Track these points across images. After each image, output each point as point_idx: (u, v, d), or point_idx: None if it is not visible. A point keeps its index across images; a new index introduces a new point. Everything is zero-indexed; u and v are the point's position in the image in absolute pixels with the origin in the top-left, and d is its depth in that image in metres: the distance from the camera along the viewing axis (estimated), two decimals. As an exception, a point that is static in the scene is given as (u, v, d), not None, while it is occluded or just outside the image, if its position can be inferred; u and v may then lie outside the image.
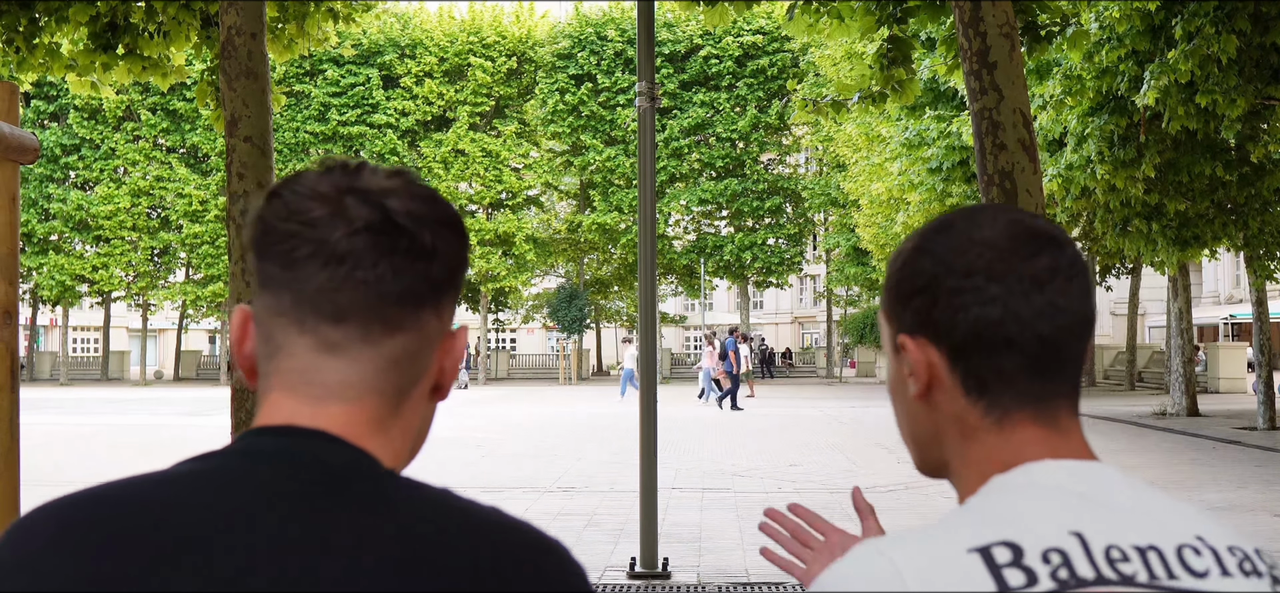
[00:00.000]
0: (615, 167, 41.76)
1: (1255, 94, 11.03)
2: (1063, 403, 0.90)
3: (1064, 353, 0.89)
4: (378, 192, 0.82)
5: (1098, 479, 0.86)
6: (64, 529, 0.77)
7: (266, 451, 0.80)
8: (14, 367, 2.48)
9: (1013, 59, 4.67)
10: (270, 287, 0.83)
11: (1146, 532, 0.82)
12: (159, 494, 0.78)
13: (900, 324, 0.93)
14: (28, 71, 7.75)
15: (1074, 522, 0.81)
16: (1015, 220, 0.90)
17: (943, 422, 0.92)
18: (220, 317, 43.00)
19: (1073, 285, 0.88)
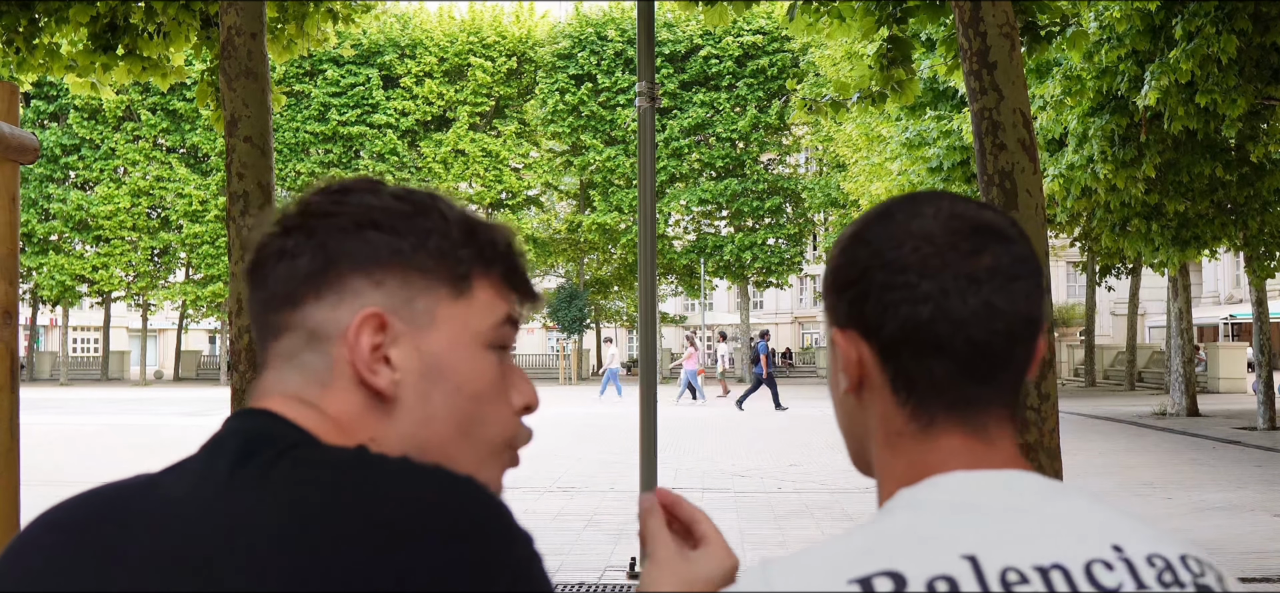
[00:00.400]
0: (615, 167, 41.76)
1: (1255, 94, 11.03)
2: (994, 411, 0.84)
3: (999, 358, 0.82)
4: (288, 208, 0.86)
5: (1009, 491, 0.80)
6: (51, 529, 0.80)
7: (225, 434, 0.82)
8: (14, 367, 2.48)
9: (1013, 59, 4.67)
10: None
11: (1054, 548, 0.75)
12: (134, 492, 0.80)
13: (834, 316, 0.88)
14: (28, 72, 7.75)
15: (969, 543, 0.75)
16: (957, 212, 0.84)
17: (871, 421, 0.87)
18: (220, 317, 43.01)
19: (1015, 285, 0.82)
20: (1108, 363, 38.85)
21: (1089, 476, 11.43)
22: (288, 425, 0.80)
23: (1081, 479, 10.72)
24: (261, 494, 0.74)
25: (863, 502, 9.92)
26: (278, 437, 0.79)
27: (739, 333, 47.17)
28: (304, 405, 0.82)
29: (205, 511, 0.75)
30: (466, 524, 0.72)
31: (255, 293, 0.85)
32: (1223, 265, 46.50)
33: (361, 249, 0.83)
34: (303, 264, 0.83)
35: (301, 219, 0.84)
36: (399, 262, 0.83)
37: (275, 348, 0.84)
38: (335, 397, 0.82)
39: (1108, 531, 0.78)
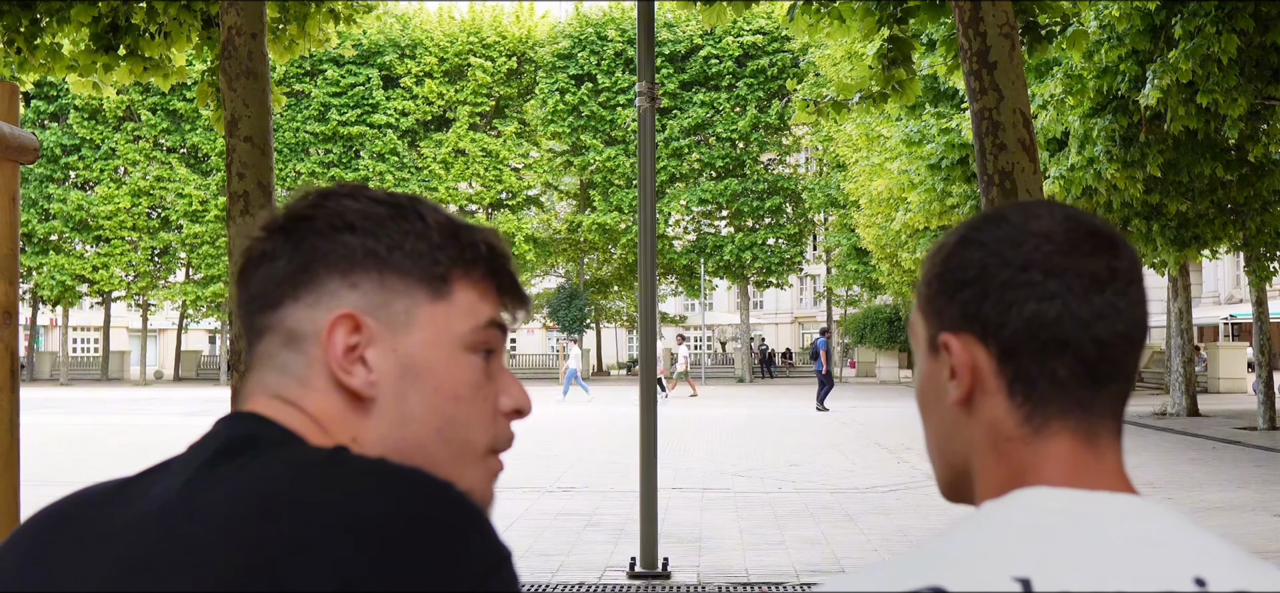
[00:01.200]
0: (615, 167, 41.76)
1: (1255, 94, 11.03)
2: (1107, 419, 0.82)
3: (1119, 361, 0.81)
4: (275, 213, 0.88)
5: (1091, 512, 0.76)
6: (32, 530, 0.82)
7: (209, 433, 0.83)
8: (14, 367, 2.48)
9: (1013, 59, 4.67)
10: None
11: (1122, 576, 0.72)
12: (116, 490, 0.82)
13: (942, 321, 0.84)
14: (29, 72, 7.75)
15: (1027, 566, 0.72)
16: (1073, 216, 0.83)
17: (978, 433, 0.83)
18: (220, 317, 43.02)
19: (1131, 290, 0.82)
20: (1107, 363, 38.76)
21: (1089, 476, 11.42)
22: (272, 426, 0.81)
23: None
24: (227, 492, 0.74)
25: (863, 502, 9.92)
26: (260, 438, 0.79)
27: (739, 333, 47.19)
28: (286, 405, 0.82)
29: (172, 510, 0.75)
30: (433, 529, 0.70)
31: (241, 296, 0.87)
32: (1223, 265, 46.49)
33: (336, 251, 0.83)
34: (281, 266, 0.84)
35: (283, 222, 0.85)
36: (375, 263, 0.83)
37: (258, 349, 0.86)
38: (314, 397, 0.82)
39: (1193, 562, 0.74)
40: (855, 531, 8.50)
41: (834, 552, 7.65)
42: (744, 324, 45.19)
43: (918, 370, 0.89)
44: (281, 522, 0.70)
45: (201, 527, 0.72)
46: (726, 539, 8.09)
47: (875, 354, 44.79)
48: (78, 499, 0.83)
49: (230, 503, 0.73)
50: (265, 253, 0.85)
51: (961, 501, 0.87)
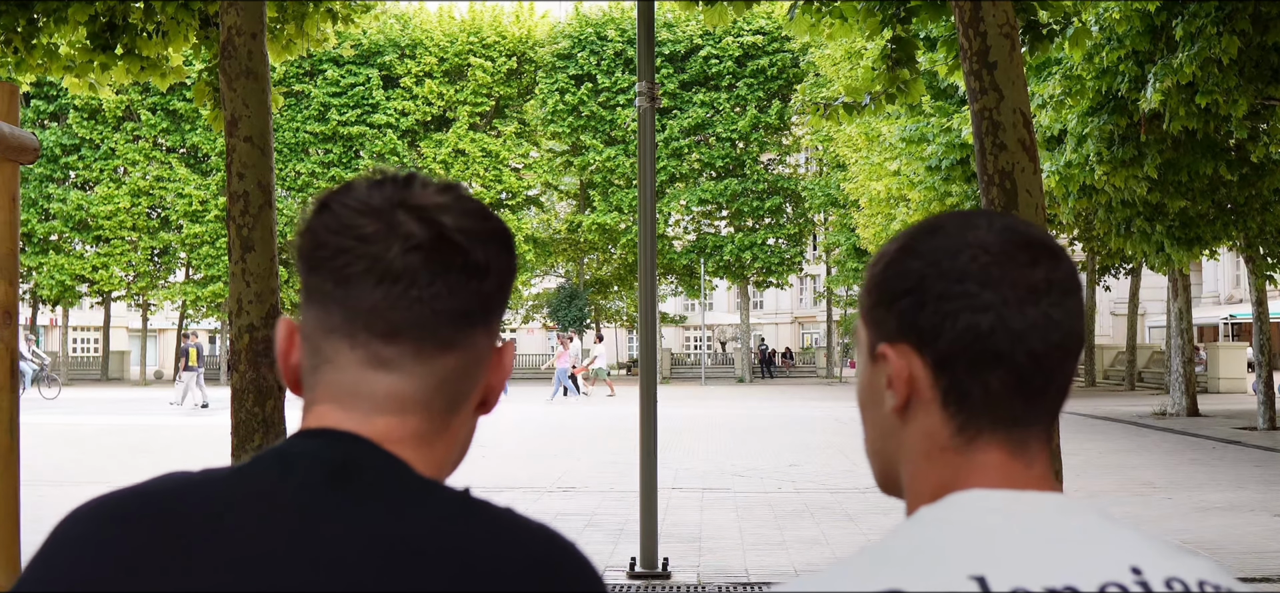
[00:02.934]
0: (615, 167, 41.76)
1: (1256, 94, 11.03)
2: (1037, 430, 0.83)
3: (1052, 372, 0.82)
4: (432, 207, 0.81)
5: (1028, 512, 0.79)
6: (100, 525, 0.79)
7: (299, 450, 0.81)
8: (14, 367, 2.48)
9: (1013, 59, 4.67)
10: (320, 301, 0.83)
11: (1068, 571, 0.74)
12: (193, 492, 0.80)
13: (880, 330, 0.85)
14: (26, 72, 7.74)
15: (979, 564, 0.74)
16: (1011, 227, 0.83)
17: (912, 439, 0.85)
18: (220, 317, 43.02)
19: (1068, 301, 0.82)
20: (1108, 363, 38.85)
21: (1089, 476, 11.43)
22: (379, 454, 0.81)
23: (1081, 480, 10.72)
24: (365, 521, 0.76)
25: (863, 502, 9.92)
26: (365, 464, 0.80)
27: (739, 333, 47.18)
28: (432, 429, 0.83)
29: (303, 527, 0.76)
30: (564, 581, 0.77)
31: (427, 287, 0.81)
32: (1223, 265, 46.51)
33: (512, 276, 0.86)
34: (489, 287, 0.83)
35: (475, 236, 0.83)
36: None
37: (433, 364, 0.82)
38: (459, 419, 0.86)
39: (1128, 553, 0.77)
40: (855, 531, 8.50)
41: (834, 552, 7.65)
42: (744, 324, 45.18)
43: (858, 373, 0.91)
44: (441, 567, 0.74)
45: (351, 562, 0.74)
46: (726, 539, 8.09)
47: (875, 354, 44.74)
48: (158, 495, 0.80)
49: (383, 541, 0.75)
50: (473, 269, 0.82)
51: (896, 494, 0.89)
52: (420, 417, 0.82)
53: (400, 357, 0.81)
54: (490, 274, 0.83)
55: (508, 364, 0.87)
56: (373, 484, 0.78)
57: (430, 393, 0.82)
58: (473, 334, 0.83)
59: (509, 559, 0.75)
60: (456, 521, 0.77)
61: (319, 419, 0.83)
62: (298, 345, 0.86)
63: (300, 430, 0.83)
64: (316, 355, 0.84)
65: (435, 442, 0.83)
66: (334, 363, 0.83)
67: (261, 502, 0.77)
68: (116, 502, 0.81)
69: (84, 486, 11.19)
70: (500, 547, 0.76)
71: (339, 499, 0.77)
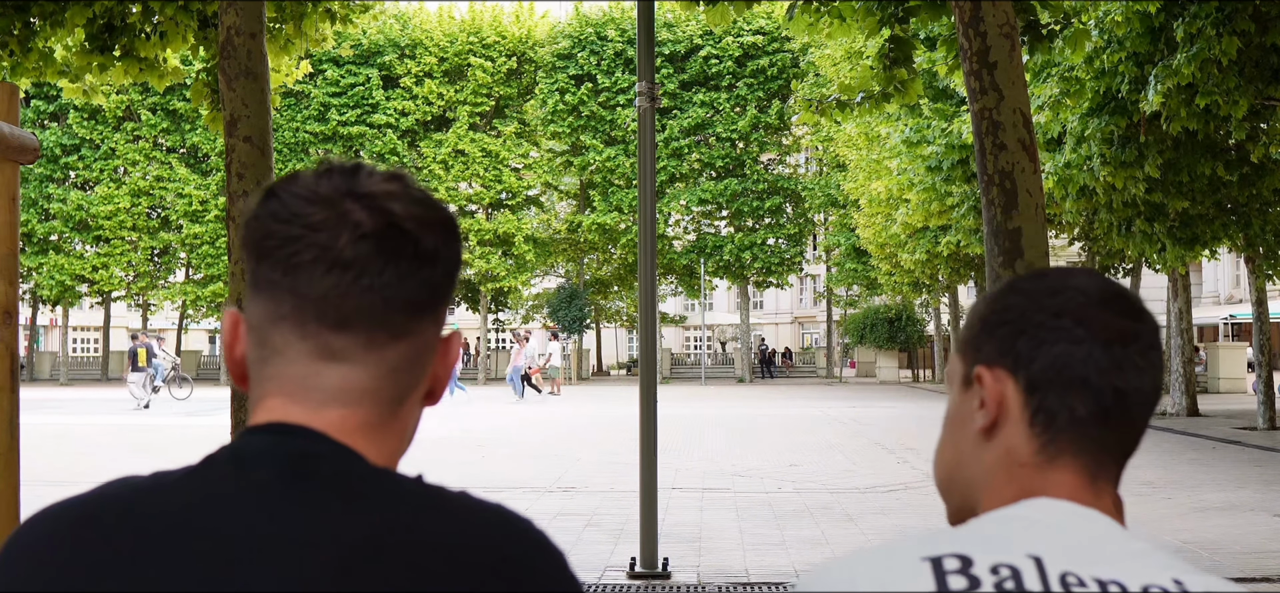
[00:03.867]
0: (615, 167, 41.76)
1: (1256, 94, 11.02)
2: (1111, 463, 0.90)
3: (1131, 412, 0.89)
4: (380, 195, 0.80)
5: (1089, 524, 0.86)
6: (58, 530, 0.79)
7: (254, 448, 0.80)
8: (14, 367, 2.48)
9: (1013, 59, 4.67)
10: (267, 290, 0.81)
11: (1115, 570, 0.81)
12: (149, 495, 0.79)
13: (978, 355, 0.93)
14: (21, 76, 7.73)
15: (1037, 548, 0.82)
16: (1107, 283, 0.92)
17: (992, 457, 0.91)
18: (220, 317, 42.95)
19: (1151, 353, 0.90)
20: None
21: (1089, 476, 11.42)
22: (331, 444, 0.80)
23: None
24: (327, 517, 0.76)
25: (863, 502, 9.92)
26: (319, 455, 0.80)
27: (739, 333, 47.17)
28: (380, 419, 0.83)
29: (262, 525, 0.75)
30: (524, 563, 0.78)
31: (378, 280, 0.80)
32: (1223, 265, 46.49)
33: (458, 265, 0.86)
34: (437, 275, 0.83)
35: (439, 226, 0.83)
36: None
37: (384, 353, 0.82)
38: (407, 409, 0.85)
39: (1173, 570, 0.83)
40: (855, 531, 8.50)
41: (834, 552, 7.65)
42: (744, 324, 45.18)
43: (949, 404, 0.98)
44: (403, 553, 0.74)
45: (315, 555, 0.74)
46: (726, 539, 8.09)
47: (875, 354, 44.79)
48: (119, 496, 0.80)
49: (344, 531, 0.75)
50: (426, 254, 0.82)
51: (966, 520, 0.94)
52: (370, 407, 0.82)
53: (350, 346, 0.81)
54: (439, 262, 0.83)
55: (454, 354, 0.87)
56: (329, 479, 0.78)
57: (380, 383, 0.82)
58: (422, 323, 0.83)
59: (471, 546, 0.76)
60: (415, 511, 0.77)
61: (269, 414, 0.82)
62: (243, 337, 0.85)
63: (251, 426, 0.82)
64: (264, 347, 0.83)
65: (384, 432, 0.83)
66: (283, 354, 0.82)
67: (219, 502, 0.76)
68: (73, 507, 0.80)
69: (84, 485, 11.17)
70: (461, 534, 0.76)
71: (297, 495, 0.76)
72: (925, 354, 46.04)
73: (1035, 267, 4.54)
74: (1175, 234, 16.11)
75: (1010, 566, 0.80)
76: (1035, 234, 4.55)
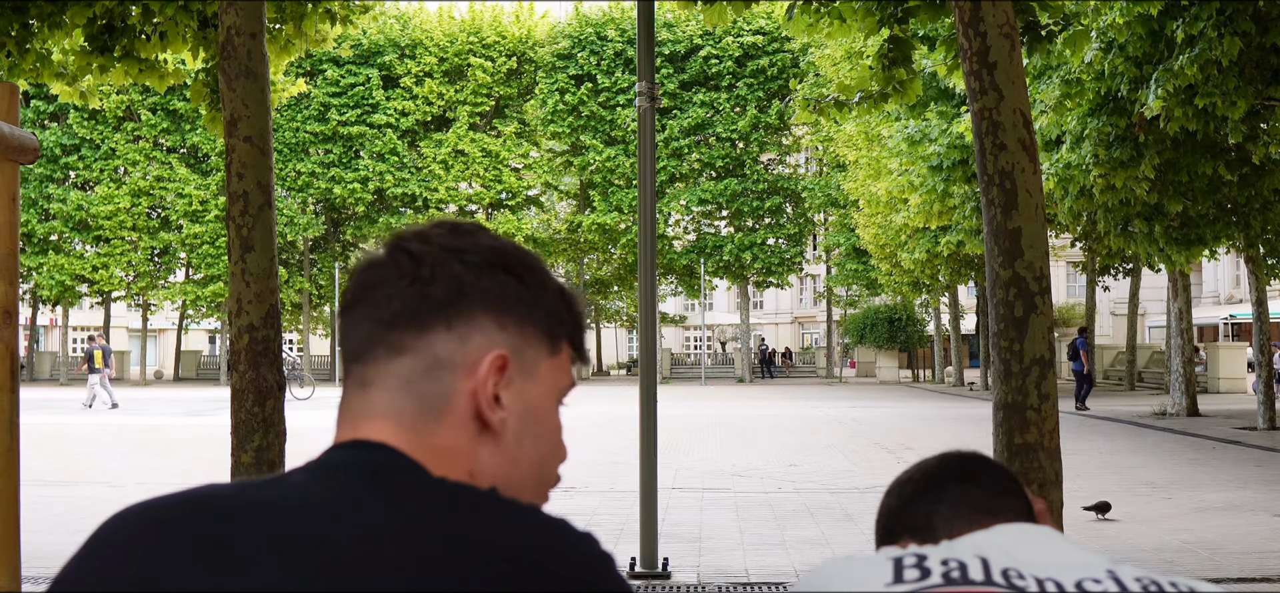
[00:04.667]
0: (615, 167, 41.76)
1: (1255, 95, 11.02)
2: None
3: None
4: (408, 234, 0.89)
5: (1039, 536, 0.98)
6: (147, 529, 0.82)
7: (338, 459, 0.86)
8: (14, 367, 2.48)
9: (1013, 59, 4.66)
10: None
11: (1052, 570, 0.89)
12: (234, 496, 0.83)
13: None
14: (19, 77, 7.72)
15: (984, 552, 0.92)
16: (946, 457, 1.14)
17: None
18: (220, 317, 43.02)
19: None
20: (1108, 363, 38.84)
21: (1089, 476, 11.42)
22: (400, 457, 0.85)
23: (1081, 479, 10.72)
24: (396, 518, 0.79)
25: (863, 502, 9.92)
26: (394, 466, 0.84)
27: (739, 333, 47.17)
28: (416, 435, 0.86)
29: (338, 525, 0.79)
30: (588, 575, 0.80)
31: (369, 311, 0.88)
32: (1223, 265, 46.50)
33: (494, 290, 0.88)
34: (436, 291, 0.87)
35: (430, 248, 0.88)
36: (523, 309, 0.90)
37: (391, 367, 0.87)
38: (447, 428, 0.87)
39: (1106, 564, 0.91)
40: (855, 531, 8.50)
41: (834, 552, 7.64)
42: (744, 324, 45.19)
43: None
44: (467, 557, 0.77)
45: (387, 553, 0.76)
46: (726, 539, 8.09)
47: (875, 354, 44.79)
48: (201, 501, 0.83)
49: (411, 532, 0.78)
50: (415, 274, 0.87)
51: None
52: (399, 428, 0.86)
53: (373, 373, 0.88)
54: (437, 280, 0.86)
55: (486, 376, 0.87)
56: (408, 484, 0.82)
57: (399, 401, 0.87)
58: (426, 336, 0.87)
59: (536, 556, 0.79)
60: (482, 518, 0.80)
61: (340, 437, 0.89)
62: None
63: (329, 448, 0.89)
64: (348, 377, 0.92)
65: (425, 451, 0.86)
66: (343, 397, 0.91)
67: (306, 503, 0.81)
68: (159, 505, 0.83)
69: (84, 485, 11.18)
70: (524, 544, 0.79)
71: (381, 498, 0.81)
72: (925, 354, 46.03)
73: (1035, 266, 4.54)
74: (1172, 235, 16.11)
75: (959, 562, 0.89)
76: (1035, 234, 4.55)
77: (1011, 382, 4.43)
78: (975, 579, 0.87)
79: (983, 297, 34.98)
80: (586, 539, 0.83)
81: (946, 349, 40.65)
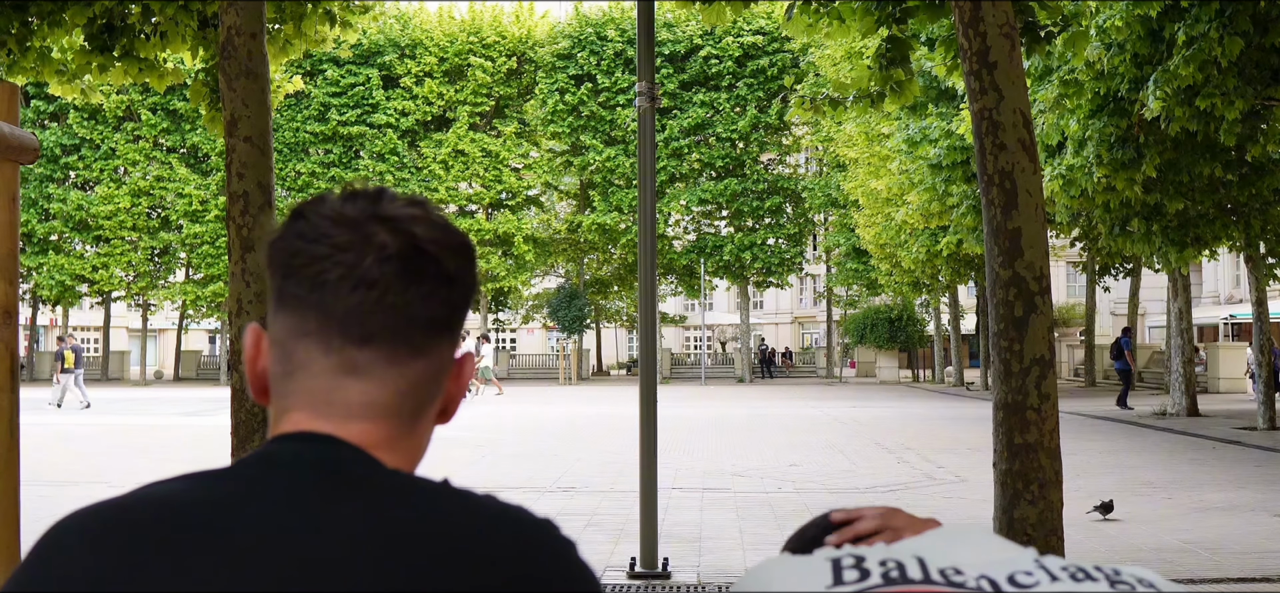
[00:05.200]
0: (615, 167, 41.77)
1: (1255, 95, 11.03)
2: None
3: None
4: (403, 219, 0.85)
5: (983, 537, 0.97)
6: (94, 532, 0.80)
7: (283, 454, 0.83)
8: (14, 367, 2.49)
9: (1013, 59, 4.67)
10: (293, 307, 0.85)
11: (985, 566, 0.90)
12: (178, 497, 0.81)
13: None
14: (19, 75, 7.73)
15: (921, 552, 0.92)
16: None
17: None
18: (220, 317, 43.03)
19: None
20: (1108, 363, 38.81)
21: (1089, 476, 11.43)
22: (359, 454, 0.84)
23: (1082, 479, 10.72)
24: (353, 511, 0.79)
25: (862, 502, 9.91)
26: (349, 460, 0.83)
27: (739, 333, 47.18)
28: (396, 434, 0.86)
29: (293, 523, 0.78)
30: (547, 559, 0.81)
31: (394, 298, 0.84)
32: (1223, 265, 46.49)
33: (474, 288, 0.90)
34: (457, 297, 0.87)
35: (458, 250, 0.87)
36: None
37: (404, 370, 0.86)
38: (422, 424, 0.89)
39: (1033, 556, 0.93)
40: (855, 531, 8.49)
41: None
42: (744, 324, 45.19)
43: None
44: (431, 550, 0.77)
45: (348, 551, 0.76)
46: (726, 539, 8.09)
47: (875, 354, 44.79)
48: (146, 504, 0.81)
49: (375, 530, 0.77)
50: (448, 275, 0.86)
51: None
52: (390, 423, 0.85)
53: (373, 362, 0.85)
54: (458, 284, 0.87)
55: (467, 374, 0.91)
56: (356, 480, 0.81)
57: (400, 399, 0.86)
58: (440, 342, 0.87)
59: (493, 545, 0.78)
60: (440, 510, 0.80)
61: (294, 425, 0.85)
62: (266, 352, 0.89)
63: (277, 435, 0.86)
64: (288, 361, 0.86)
65: (400, 447, 0.86)
66: (307, 369, 0.85)
67: (250, 502, 0.79)
68: (104, 509, 0.82)
69: (84, 486, 11.18)
70: (483, 533, 0.79)
71: (325, 495, 0.79)
72: (925, 354, 46.04)
73: (1035, 266, 4.54)
74: (1170, 235, 16.11)
75: (897, 562, 0.90)
76: (1035, 234, 4.55)
77: (1011, 382, 4.43)
78: (914, 578, 0.87)
79: (983, 297, 34.98)
80: (546, 525, 0.82)
81: (946, 349, 40.66)
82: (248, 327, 0.91)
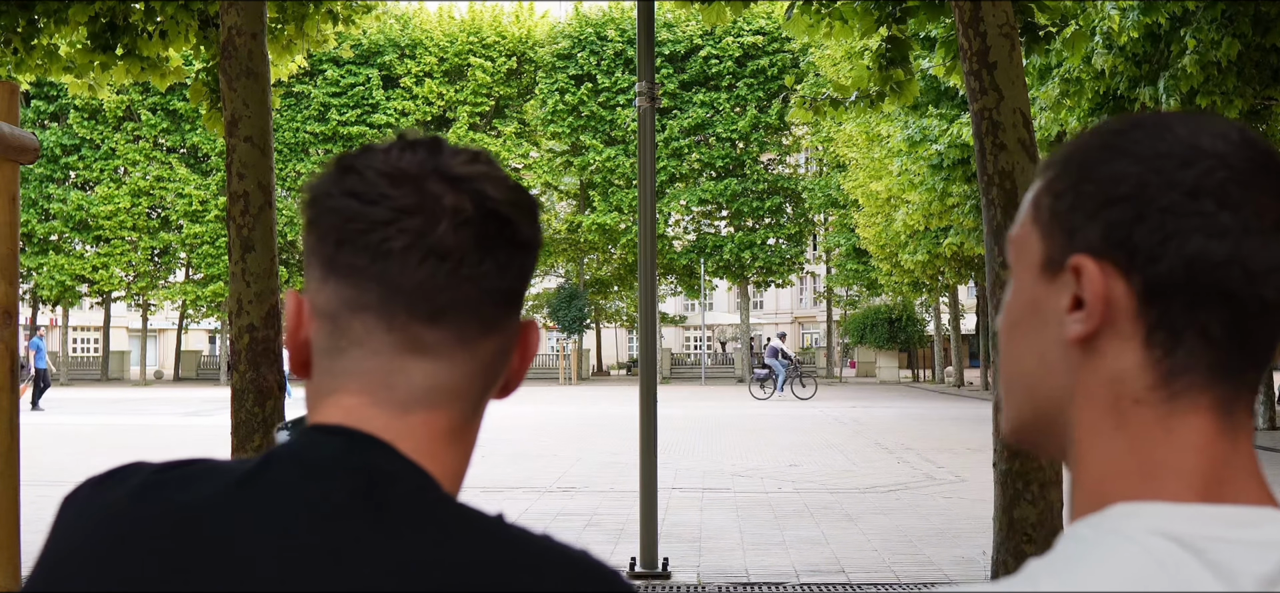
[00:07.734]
0: (615, 167, 41.78)
1: (1255, 95, 11.04)
2: (1246, 397, 0.68)
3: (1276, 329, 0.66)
4: (472, 177, 0.75)
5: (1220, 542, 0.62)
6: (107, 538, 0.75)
7: (322, 455, 0.73)
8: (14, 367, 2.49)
9: (1013, 59, 4.67)
10: (348, 276, 0.75)
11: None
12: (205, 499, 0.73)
13: (1073, 240, 0.68)
14: (25, 73, 7.75)
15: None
16: (1248, 139, 0.66)
17: (1090, 383, 0.68)
18: (220, 317, 43.03)
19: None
20: (1108, 363, 38.82)
21: (1089, 476, 11.44)
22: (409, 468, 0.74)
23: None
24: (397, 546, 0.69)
25: (863, 502, 9.92)
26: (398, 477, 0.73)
27: (739, 333, 47.18)
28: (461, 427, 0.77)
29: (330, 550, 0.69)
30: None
31: (476, 266, 0.75)
32: (1223, 265, 46.50)
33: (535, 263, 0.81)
34: (530, 265, 0.79)
35: (530, 211, 0.78)
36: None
37: (476, 349, 0.77)
38: (482, 413, 0.80)
39: None
40: (855, 531, 8.50)
41: (834, 552, 7.65)
42: (744, 324, 45.19)
43: (1012, 291, 0.73)
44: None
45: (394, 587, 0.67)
46: (726, 539, 8.09)
47: (875, 354, 44.80)
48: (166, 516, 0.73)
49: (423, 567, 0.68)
50: (519, 241, 0.77)
51: (1034, 448, 0.74)
52: (454, 410, 0.76)
53: (442, 341, 0.75)
54: (532, 250, 0.78)
55: (534, 344, 0.82)
56: (405, 507, 0.71)
57: (469, 381, 0.77)
58: (510, 315, 0.78)
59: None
60: (494, 552, 0.70)
61: (342, 413, 0.75)
62: (308, 322, 0.78)
63: (317, 424, 0.76)
64: (341, 336, 0.76)
65: (461, 440, 0.78)
66: (364, 346, 0.75)
67: (280, 515, 0.70)
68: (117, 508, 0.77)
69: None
70: (541, 582, 0.70)
71: (366, 522, 0.70)
72: (925, 354, 46.05)
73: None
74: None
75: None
76: (1035, 234, 4.56)
77: (1011, 382, 4.43)
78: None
79: (983, 297, 34.97)
80: (614, 577, 0.74)
81: (946, 349, 40.66)
82: (288, 293, 0.81)
